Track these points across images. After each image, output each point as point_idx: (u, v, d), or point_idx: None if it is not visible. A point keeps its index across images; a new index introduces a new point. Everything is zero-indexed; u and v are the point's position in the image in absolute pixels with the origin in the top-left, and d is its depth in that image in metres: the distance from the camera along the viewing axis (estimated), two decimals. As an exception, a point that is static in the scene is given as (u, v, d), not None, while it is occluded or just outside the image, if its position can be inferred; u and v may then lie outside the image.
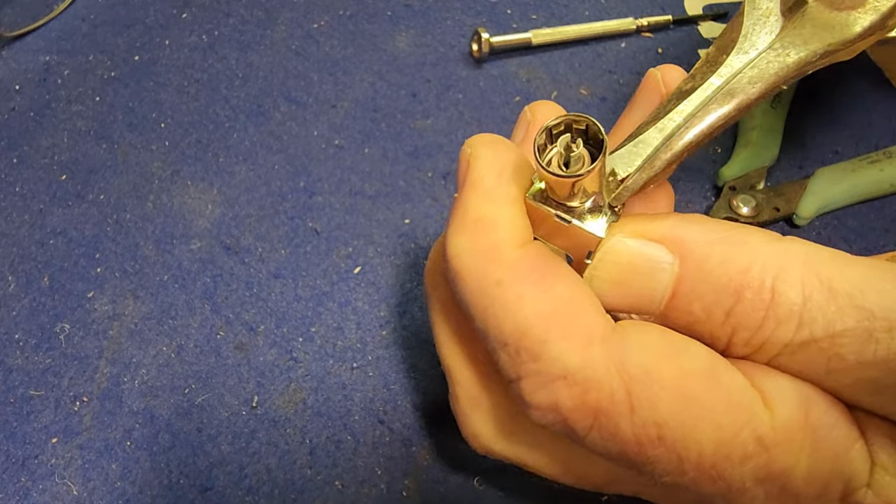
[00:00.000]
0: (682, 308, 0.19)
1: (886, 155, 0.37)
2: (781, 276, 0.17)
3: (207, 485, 0.29)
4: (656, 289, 0.19)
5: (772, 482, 0.18)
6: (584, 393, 0.18)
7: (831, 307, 0.17)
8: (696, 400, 0.18)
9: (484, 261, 0.19)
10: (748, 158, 0.38)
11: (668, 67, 0.24)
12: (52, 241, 0.36)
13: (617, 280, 0.19)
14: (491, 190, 0.20)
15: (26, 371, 0.32)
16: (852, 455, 0.18)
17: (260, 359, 0.32)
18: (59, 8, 0.48)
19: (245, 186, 0.38)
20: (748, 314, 0.18)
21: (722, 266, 0.18)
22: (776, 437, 0.18)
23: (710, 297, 0.18)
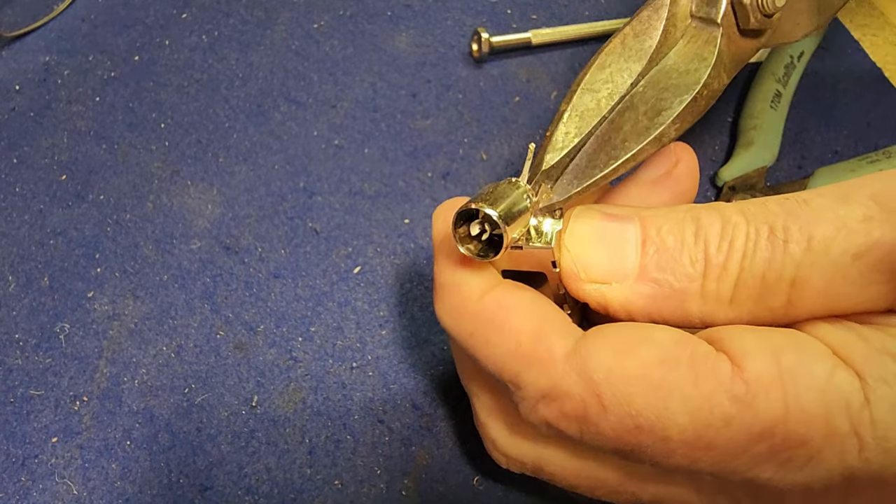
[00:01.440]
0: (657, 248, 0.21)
1: (886, 155, 0.37)
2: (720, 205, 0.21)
3: (207, 484, 0.29)
4: (628, 240, 0.21)
5: (769, 436, 0.18)
6: (562, 406, 0.20)
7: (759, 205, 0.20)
8: (660, 383, 0.19)
9: (457, 318, 0.22)
10: (748, 158, 0.38)
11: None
12: (52, 242, 0.36)
13: (595, 238, 0.21)
14: (447, 256, 0.23)
15: (26, 371, 0.32)
16: (838, 382, 0.18)
17: (259, 358, 0.32)
18: (59, 8, 0.48)
19: (245, 186, 0.38)
20: (710, 227, 0.20)
21: (674, 210, 0.21)
22: (752, 391, 0.19)
23: (676, 228, 0.21)
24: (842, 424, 0.18)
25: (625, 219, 0.22)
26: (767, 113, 0.39)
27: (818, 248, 0.19)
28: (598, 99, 0.22)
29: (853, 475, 0.18)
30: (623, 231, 0.21)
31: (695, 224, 0.21)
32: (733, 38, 0.24)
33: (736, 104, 0.42)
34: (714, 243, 0.20)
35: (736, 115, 0.42)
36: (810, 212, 0.19)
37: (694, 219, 0.21)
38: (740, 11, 0.24)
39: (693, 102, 0.22)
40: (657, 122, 0.22)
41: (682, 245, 0.21)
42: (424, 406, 0.31)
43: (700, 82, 0.22)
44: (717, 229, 0.20)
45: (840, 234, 0.19)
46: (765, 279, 0.20)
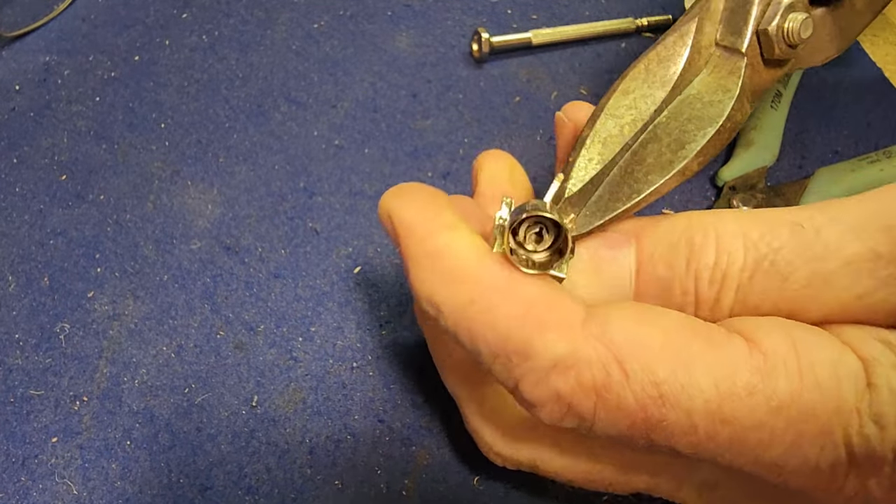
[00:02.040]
0: (650, 277, 0.21)
1: (886, 155, 0.37)
2: (719, 221, 0.20)
3: (207, 484, 0.29)
4: (624, 267, 0.21)
5: (786, 410, 0.18)
6: (579, 374, 0.19)
7: (766, 227, 0.19)
8: (684, 351, 0.18)
9: (452, 286, 0.20)
10: (748, 158, 0.38)
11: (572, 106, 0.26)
12: (52, 242, 0.36)
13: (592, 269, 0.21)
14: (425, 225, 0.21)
15: (26, 371, 0.32)
16: (846, 359, 0.19)
17: (260, 358, 0.32)
18: (59, 8, 0.48)
19: (245, 186, 0.38)
20: (702, 255, 0.20)
21: (669, 229, 0.21)
22: (770, 362, 0.18)
23: (669, 254, 0.20)
24: (849, 399, 0.18)
25: (620, 245, 0.21)
26: (767, 113, 0.39)
27: (820, 286, 0.19)
28: (622, 125, 0.22)
29: (854, 452, 0.18)
30: (617, 261, 0.21)
31: (688, 250, 0.20)
32: (757, 68, 0.24)
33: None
34: (706, 276, 0.20)
35: (736, 115, 0.42)
36: (819, 246, 0.19)
37: (688, 243, 0.20)
38: (765, 41, 0.23)
39: (717, 135, 0.22)
40: (681, 155, 0.22)
41: (674, 275, 0.20)
42: (424, 406, 0.31)
43: (724, 115, 0.22)
44: (710, 259, 0.20)
45: (846, 273, 0.19)
46: (759, 309, 0.20)
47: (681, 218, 0.21)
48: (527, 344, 0.19)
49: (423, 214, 0.21)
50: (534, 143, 0.40)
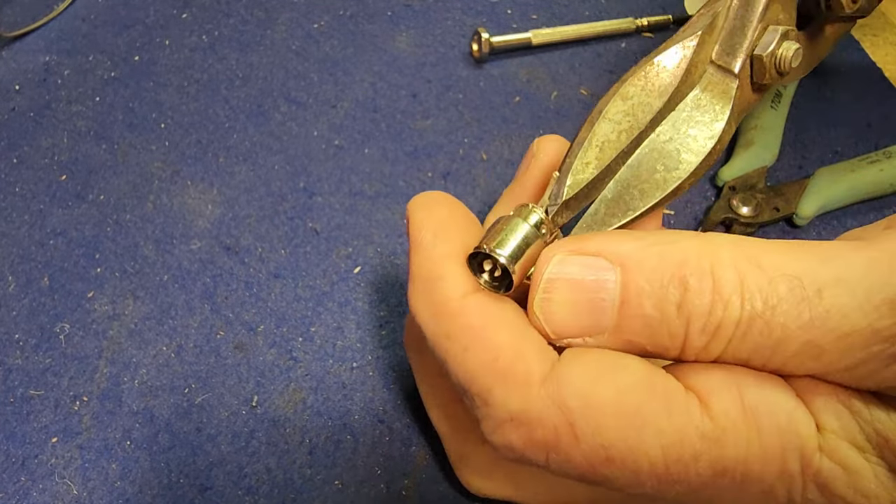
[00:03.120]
0: (635, 313, 0.19)
1: (886, 155, 0.37)
2: (716, 261, 0.18)
3: (207, 484, 0.29)
4: (605, 299, 0.19)
5: (732, 472, 0.19)
6: (531, 432, 0.19)
7: (764, 280, 0.18)
8: (635, 414, 0.19)
9: (435, 316, 0.21)
10: (748, 158, 0.38)
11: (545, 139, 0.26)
12: (52, 242, 0.36)
13: (568, 299, 0.20)
14: (428, 248, 0.22)
15: (26, 371, 0.32)
16: (796, 425, 0.19)
17: (259, 359, 0.32)
18: (59, 8, 0.48)
19: (245, 186, 0.38)
20: (698, 301, 0.18)
21: (661, 264, 0.19)
22: (719, 429, 0.19)
23: (658, 294, 0.19)
24: (794, 466, 0.19)
25: (603, 271, 0.19)
26: (767, 113, 0.39)
27: (811, 354, 0.18)
28: (619, 132, 0.22)
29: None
30: (600, 289, 0.20)
31: (680, 291, 0.19)
32: (745, 91, 0.24)
33: (736, 104, 0.42)
34: (698, 324, 0.19)
35: (736, 115, 0.42)
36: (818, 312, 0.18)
37: (681, 283, 0.19)
38: (758, 67, 0.24)
39: (708, 156, 0.23)
40: (674, 175, 0.22)
41: (662, 317, 0.19)
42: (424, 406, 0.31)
43: (716, 137, 0.23)
44: (704, 306, 0.18)
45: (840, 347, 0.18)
46: (748, 362, 0.19)
47: (674, 250, 0.19)
48: (488, 392, 0.20)
49: (434, 235, 0.22)
50: (534, 143, 0.40)
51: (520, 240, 0.21)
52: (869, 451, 0.19)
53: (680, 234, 0.20)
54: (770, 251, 0.19)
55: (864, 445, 0.19)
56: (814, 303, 0.18)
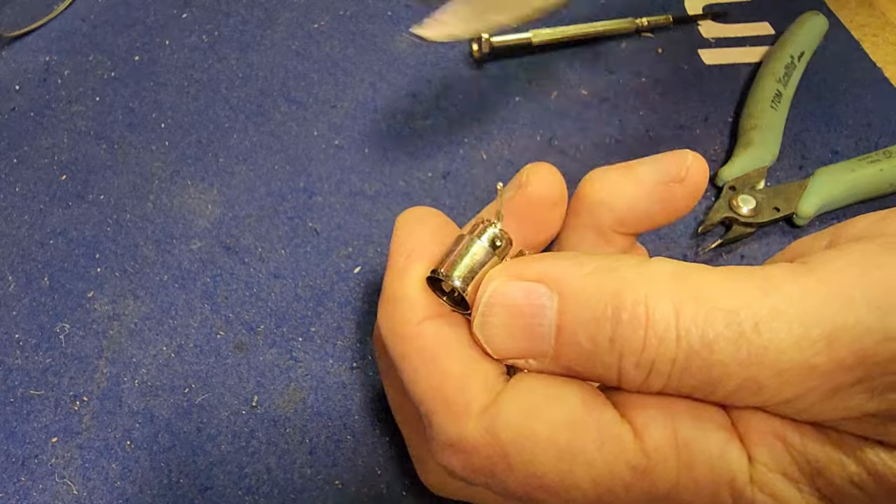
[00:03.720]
0: (570, 342, 0.19)
1: (886, 155, 0.37)
2: (652, 294, 0.18)
3: (207, 484, 0.29)
4: (542, 325, 0.19)
5: (662, 502, 0.19)
6: (468, 458, 0.20)
7: (700, 315, 0.17)
8: (567, 448, 0.19)
9: (393, 335, 0.22)
10: (748, 158, 0.38)
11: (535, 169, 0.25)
12: (52, 241, 0.36)
13: (506, 323, 0.20)
14: (400, 270, 0.22)
15: (26, 371, 0.32)
16: (728, 458, 0.19)
17: (260, 358, 0.32)
18: (59, 8, 0.48)
19: (245, 186, 0.38)
20: (629, 336, 0.18)
21: (596, 294, 0.19)
22: (651, 463, 0.19)
23: (591, 326, 0.19)
24: (725, 498, 0.19)
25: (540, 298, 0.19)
26: (767, 113, 0.39)
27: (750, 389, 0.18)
28: None
29: None
30: (537, 315, 0.20)
31: (612, 324, 0.18)
32: None
33: (736, 104, 0.42)
34: (631, 359, 0.18)
35: (736, 115, 0.42)
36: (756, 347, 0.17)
37: (614, 317, 0.18)
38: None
39: None
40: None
41: (596, 350, 0.19)
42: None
43: None
44: (637, 342, 0.18)
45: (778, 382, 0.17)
46: (692, 395, 0.19)
47: (610, 280, 0.19)
48: (431, 416, 0.20)
49: (407, 257, 0.22)
50: (534, 143, 0.40)
51: (472, 261, 0.21)
52: (802, 481, 0.19)
53: (623, 261, 0.19)
54: (708, 282, 0.18)
55: (796, 476, 0.19)
56: (751, 339, 0.17)
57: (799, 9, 0.46)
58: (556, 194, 0.25)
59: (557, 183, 0.24)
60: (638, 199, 0.24)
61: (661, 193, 0.24)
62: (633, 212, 0.24)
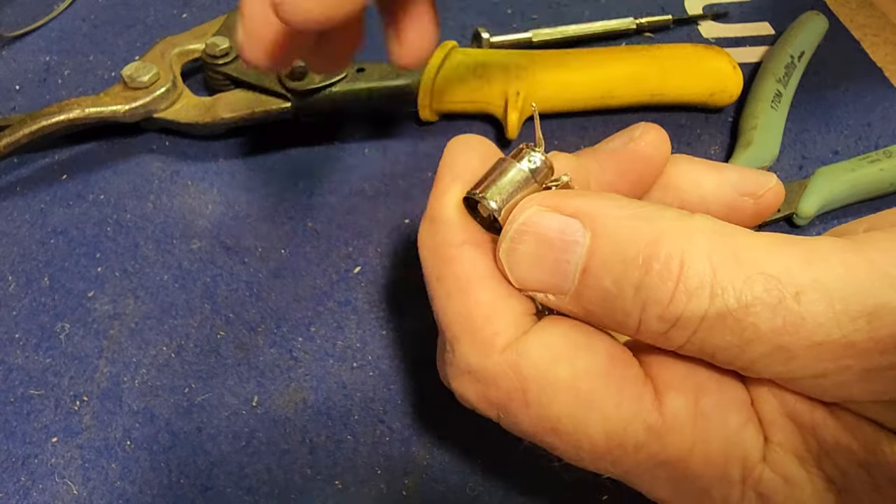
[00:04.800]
0: (594, 284, 0.19)
1: (886, 155, 0.37)
2: (689, 248, 0.17)
3: (207, 484, 0.29)
4: (570, 261, 0.19)
5: (670, 466, 0.19)
6: (485, 389, 0.20)
7: (739, 276, 0.17)
8: (586, 397, 0.19)
9: (431, 256, 0.22)
10: (748, 158, 0.38)
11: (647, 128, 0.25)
12: (52, 241, 0.36)
13: (533, 253, 0.20)
14: (444, 191, 0.22)
15: (26, 370, 0.32)
16: (744, 435, 0.19)
17: (260, 358, 0.32)
18: (59, 8, 0.48)
19: (245, 186, 0.38)
20: (657, 286, 0.18)
21: (631, 239, 0.18)
22: (666, 426, 0.19)
23: (618, 270, 0.18)
24: (734, 474, 0.19)
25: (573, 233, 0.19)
26: (767, 113, 0.39)
27: (779, 359, 0.17)
28: None
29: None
30: (566, 251, 0.19)
31: (641, 272, 0.18)
32: None
33: (736, 104, 0.42)
34: (655, 310, 0.18)
35: (736, 115, 0.42)
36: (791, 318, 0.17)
37: (644, 265, 0.18)
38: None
39: None
40: None
41: (619, 294, 0.18)
42: (424, 406, 0.31)
43: None
44: (664, 294, 0.17)
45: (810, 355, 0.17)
46: (714, 357, 0.19)
47: (648, 227, 0.18)
48: (455, 341, 0.20)
49: (453, 178, 0.22)
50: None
51: (510, 185, 0.21)
52: (810, 462, 0.19)
53: (664, 212, 0.19)
54: (752, 244, 0.18)
55: (806, 457, 0.19)
56: (790, 306, 0.17)
57: (799, 9, 0.46)
58: (664, 157, 0.24)
59: (667, 146, 0.24)
60: (712, 197, 0.24)
61: (733, 201, 0.24)
62: (702, 206, 0.24)
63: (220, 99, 0.39)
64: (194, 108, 0.39)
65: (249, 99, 0.39)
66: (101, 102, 0.37)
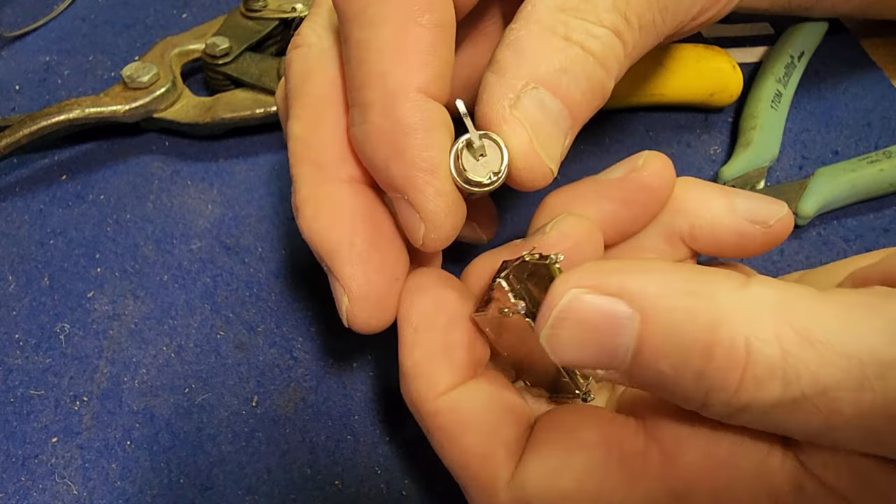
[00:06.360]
0: (650, 367, 0.17)
1: (886, 155, 0.37)
2: (754, 332, 0.16)
3: (207, 484, 0.29)
4: (619, 345, 0.17)
5: None
6: None
7: (814, 359, 0.15)
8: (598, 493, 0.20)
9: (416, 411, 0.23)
10: (748, 158, 0.38)
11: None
12: (52, 241, 0.36)
13: (578, 340, 0.18)
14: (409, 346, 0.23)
15: (26, 371, 0.32)
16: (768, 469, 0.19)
17: (260, 358, 0.32)
18: (59, 8, 0.48)
19: (245, 186, 0.38)
20: (722, 375, 0.16)
21: (687, 323, 0.16)
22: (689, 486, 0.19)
23: (677, 357, 0.16)
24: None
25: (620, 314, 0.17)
26: (767, 113, 0.39)
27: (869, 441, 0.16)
28: None
29: None
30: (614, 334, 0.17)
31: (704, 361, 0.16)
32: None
33: (736, 104, 0.42)
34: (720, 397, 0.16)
35: (736, 115, 0.42)
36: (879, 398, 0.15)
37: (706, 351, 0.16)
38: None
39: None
40: None
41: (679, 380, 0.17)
42: (425, 406, 0.31)
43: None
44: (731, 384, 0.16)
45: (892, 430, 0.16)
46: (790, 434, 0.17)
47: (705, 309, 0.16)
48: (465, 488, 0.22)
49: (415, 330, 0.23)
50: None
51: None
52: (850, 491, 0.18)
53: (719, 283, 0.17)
54: (823, 318, 0.16)
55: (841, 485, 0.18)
56: (876, 387, 0.15)
57: (799, 9, 0.46)
58: (669, 186, 0.24)
59: (671, 175, 0.24)
60: (722, 223, 0.24)
61: (744, 229, 0.24)
62: (711, 232, 0.24)
63: (220, 99, 0.39)
64: (194, 108, 0.39)
65: (249, 99, 0.39)
66: (101, 102, 0.37)
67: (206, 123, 0.39)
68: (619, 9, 0.22)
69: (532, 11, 0.22)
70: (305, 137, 0.24)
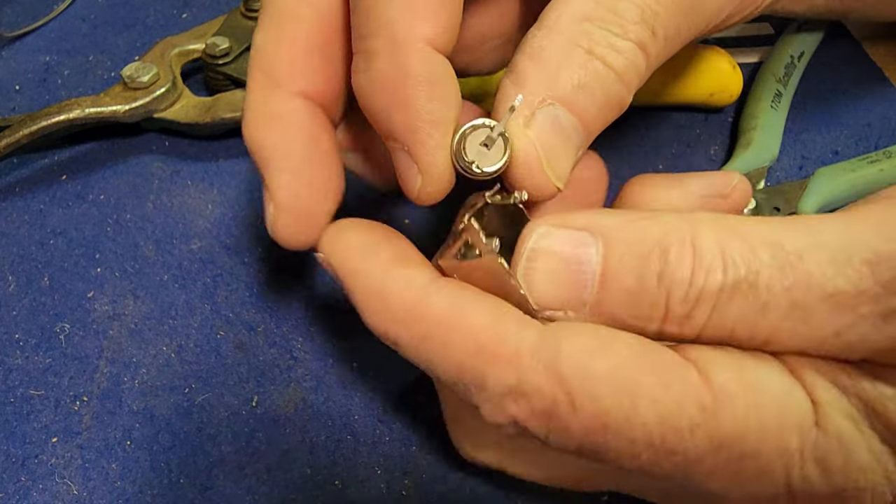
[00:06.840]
0: (615, 286, 0.20)
1: (886, 155, 0.37)
2: (697, 233, 0.19)
3: (207, 484, 0.29)
4: (586, 271, 0.20)
5: (728, 447, 0.19)
6: (531, 402, 0.19)
7: (745, 248, 0.18)
8: (631, 383, 0.19)
9: (404, 324, 0.21)
10: (748, 158, 0.38)
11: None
12: (52, 242, 0.36)
13: (551, 270, 0.20)
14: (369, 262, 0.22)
15: (26, 371, 0.32)
16: (794, 400, 0.19)
17: (260, 358, 0.32)
18: (59, 8, 0.48)
19: (245, 186, 0.38)
20: (677, 271, 0.19)
21: (642, 237, 0.19)
22: (718, 401, 0.19)
23: (638, 266, 0.19)
24: (793, 442, 0.19)
25: (585, 244, 0.20)
26: (767, 113, 0.39)
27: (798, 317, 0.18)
28: None
29: (794, 489, 0.19)
30: (582, 262, 0.20)
31: (661, 262, 0.19)
32: None
33: (736, 104, 0.42)
34: (679, 293, 0.19)
35: (736, 115, 0.42)
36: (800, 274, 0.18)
37: (662, 253, 0.19)
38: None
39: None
40: None
41: (643, 288, 0.19)
42: (424, 406, 0.31)
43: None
44: (685, 275, 0.19)
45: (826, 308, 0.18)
46: (734, 332, 0.19)
47: (654, 223, 0.20)
48: (481, 377, 0.20)
49: (360, 254, 0.22)
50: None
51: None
52: (861, 422, 0.19)
53: (665, 213, 0.20)
54: (750, 223, 0.19)
55: (856, 417, 0.19)
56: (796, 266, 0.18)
57: (799, 9, 0.46)
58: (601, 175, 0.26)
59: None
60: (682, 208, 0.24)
61: (703, 206, 0.25)
62: None
63: (220, 99, 0.39)
64: (194, 108, 0.39)
65: (249, 99, 0.39)
66: (101, 102, 0.37)
67: (206, 123, 0.39)
68: (646, 21, 0.22)
69: (557, 21, 0.22)
70: (265, 47, 0.24)
